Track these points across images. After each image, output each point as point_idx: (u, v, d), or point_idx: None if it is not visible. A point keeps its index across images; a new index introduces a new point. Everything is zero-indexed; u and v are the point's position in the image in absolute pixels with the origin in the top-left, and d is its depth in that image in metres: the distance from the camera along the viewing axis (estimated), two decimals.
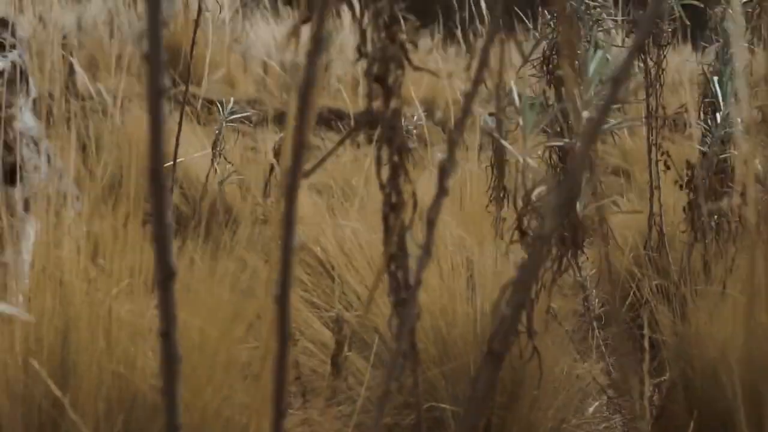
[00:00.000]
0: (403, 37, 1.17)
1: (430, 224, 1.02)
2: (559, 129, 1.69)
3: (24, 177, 3.18)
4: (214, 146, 2.99)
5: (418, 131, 3.34)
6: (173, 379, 0.91)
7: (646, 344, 1.95)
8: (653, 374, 2.32)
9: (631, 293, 2.42)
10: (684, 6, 2.63)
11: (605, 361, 2.35)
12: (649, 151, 2.78)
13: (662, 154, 2.76)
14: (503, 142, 1.57)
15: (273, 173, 3.20)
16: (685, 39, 5.96)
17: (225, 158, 2.98)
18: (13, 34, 3.18)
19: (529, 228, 1.54)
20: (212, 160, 2.97)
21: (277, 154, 3.21)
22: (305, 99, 0.92)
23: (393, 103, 1.18)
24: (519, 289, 1.17)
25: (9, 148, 3.14)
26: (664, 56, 2.68)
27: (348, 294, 1.99)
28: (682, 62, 4.85)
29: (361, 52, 1.21)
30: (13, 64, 3.12)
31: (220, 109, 5.98)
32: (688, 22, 2.70)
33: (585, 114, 1.49)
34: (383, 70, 1.18)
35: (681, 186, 2.45)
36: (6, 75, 3.09)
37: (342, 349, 1.72)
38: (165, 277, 0.89)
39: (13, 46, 3.14)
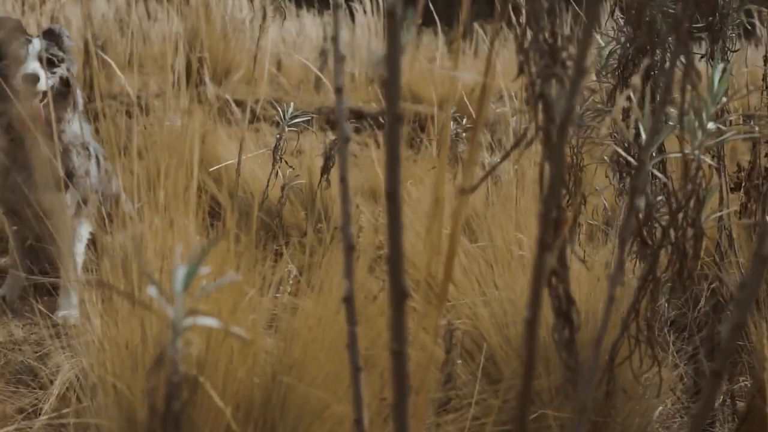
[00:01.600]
0: (565, 54, 1.18)
1: (622, 243, 1.04)
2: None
3: (75, 182, 3.20)
4: (274, 150, 2.99)
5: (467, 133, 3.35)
6: (403, 396, 0.92)
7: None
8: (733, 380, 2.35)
9: (704, 297, 2.43)
10: None
11: (679, 365, 2.37)
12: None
13: None
14: (626, 156, 1.58)
15: (324, 177, 3.20)
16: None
17: (286, 162, 2.98)
18: (61, 47, 3.19)
19: (649, 238, 1.55)
20: (273, 164, 2.97)
21: (328, 158, 3.21)
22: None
23: (557, 120, 1.19)
24: (640, 297, 1.18)
25: (59, 159, 3.16)
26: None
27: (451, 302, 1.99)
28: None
29: (522, 70, 1.22)
30: (61, 78, 3.13)
31: (244, 110, 6.00)
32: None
33: (711, 126, 1.51)
34: (546, 87, 1.19)
35: None
36: (55, 90, 3.11)
37: (452, 359, 1.72)
38: (398, 298, 0.91)
39: (61, 60, 3.15)
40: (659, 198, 1.59)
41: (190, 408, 1.45)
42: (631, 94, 1.73)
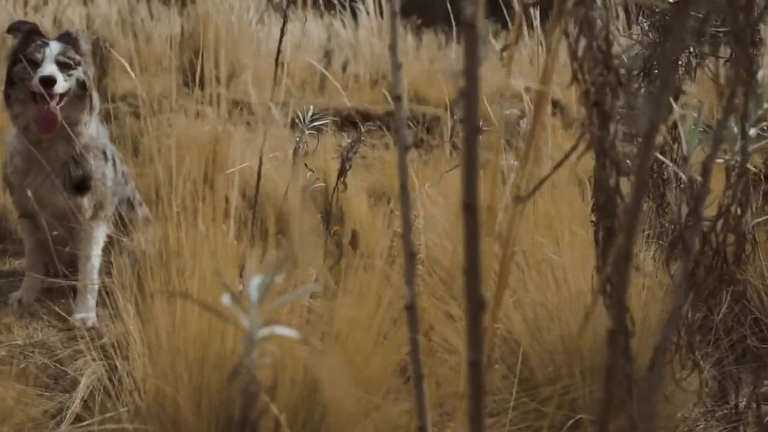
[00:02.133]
0: (617, 62, 1.18)
1: (686, 252, 1.04)
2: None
3: (92, 185, 3.20)
4: (295, 153, 2.99)
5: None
6: (480, 405, 0.92)
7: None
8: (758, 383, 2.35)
9: (725, 301, 2.44)
10: None
11: (702, 370, 2.37)
12: None
13: None
14: (664, 159, 1.59)
15: (341, 179, 3.20)
16: None
17: (306, 165, 2.98)
18: (77, 50, 3.19)
19: (689, 242, 1.56)
20: (293, 166, 2.97)
21: (345, 160, 3.21)
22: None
23: (611, 128, 1.20)
24: (679, 302, 1.18)
25: (76, 162, 3.16)
26: None
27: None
28: None
29: (577, 78, 1.23)
30: (78, 81, 3.13)
31: (251, 111, 5.99)
32: None
33: (752, 132, 1.51)
34: (601, 96, 1.19)
35: None
36: (72, 93, 3.11)
37: (491, 364, 1.73)
38: (475, 308, 0.91)
39: (78, 63, 3.15)
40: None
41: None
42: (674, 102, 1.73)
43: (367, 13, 8.24)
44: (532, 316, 1.96)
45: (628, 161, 1.44)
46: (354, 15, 8.37)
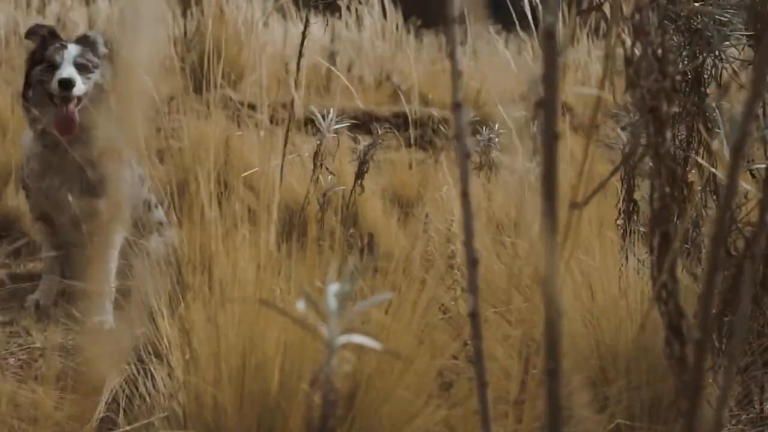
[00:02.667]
0: (672, 69, 1.19)
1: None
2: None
3: (109, 189, 3.20)
4: (315, 156, 2.99)
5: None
6: (557, 415, 0.92)
7: None
8: None
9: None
10: None
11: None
12: None
13: None
14: (703, 162, 1.59)
15: (358, 183, 3.20)
16: None
17: (327, 168, 2.97)
18: (95, 53, 3.18)
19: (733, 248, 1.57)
20: (313, 170, 2.97)
21: (363, 162, 3.21)
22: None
23: (667, 134, 1.20)
24: (745, 309, 1.18)
25: (93, 165, 3.16)
26: None
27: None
28: None
29: (633, 84, 1.23)
30: (96, 84, 3.13)
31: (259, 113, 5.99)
32: None
33: None
34: (656, 102, 1.20)
35: None
36: (90, 95, 3.11)
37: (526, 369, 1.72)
38: (552, 317, 0.91)
39: (96, 66, 3.15)
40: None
41: None
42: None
43: (371, 15, 8.24)
44: (566, 321, 1.95)
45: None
46: (357, 16, 8.38)
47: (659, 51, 1.22)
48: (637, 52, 1.22)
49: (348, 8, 7.84)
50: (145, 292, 3.11)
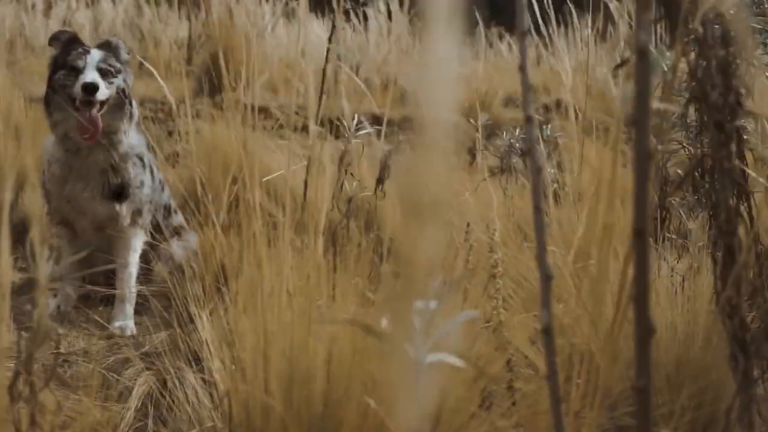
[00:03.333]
0: (737, 82, 1.19)
1: None
2: None
3: (131, 193, 3.20)
4: (340, 162, 2.98)
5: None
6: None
7: None
8: None
9: None
10: None
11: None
12: None
13: None
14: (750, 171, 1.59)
15: (380, 187, 3.19)
16: None
17: (352, 174, 2.97)
18: (118, 58, 3.18)
19: None
20: (338, 175, 2.96)
21: (384, 167, 3.21)
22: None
23: (731, 148, 1.20)
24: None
25: (115, 170, 3.16)
26: None
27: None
28: None
29: (697, 98, 1.23)
30: (118, 89, 3.13)
31: (268, 117, 5.97)
32: None
33: None
34: (722, 117, 1.20)
35: None
36: (112, 100, 3.10)
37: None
38: (645, 335, 0.91)
39: (118, 72, 3.15)
40: None
41: None
42: None
43: (376, 18, 8.23)
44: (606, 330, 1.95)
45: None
46: (365, 18, 8.37)
47: (723, 64, 1.22)
48: (700, 65, 1.22)
49: (355, 12, 7.83)
50: (176, 296, 3.12)
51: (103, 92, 3.06)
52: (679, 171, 2.41)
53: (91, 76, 3.05)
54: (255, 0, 6.28)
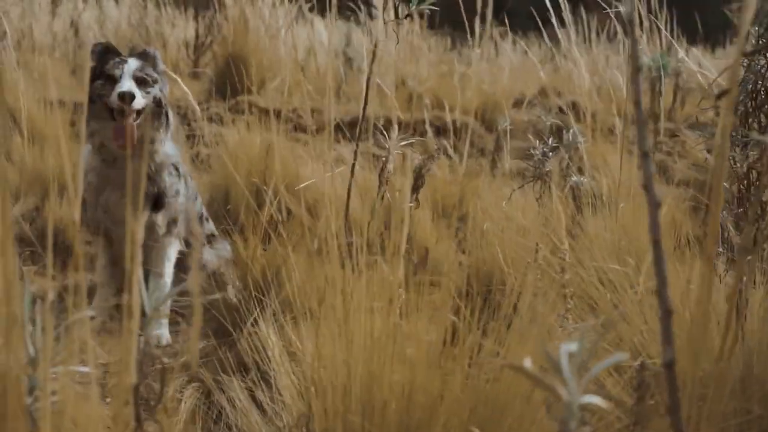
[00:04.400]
0: None
1: None
2: None
3: (167, 203, 3.20)
4: (381, 172, 2.96)
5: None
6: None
7: None
8: None
9: None
10: None
11: None
12: None
13: None
14: None
15: (414, 196, 3.19)
16: None
17: (387, 183, 2.94)
18: (155, 68, 3.18)
19: None
20: (379, 186, 2.95)
21: (419, 176, 3.20)
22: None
23: None
24: None
25: (151, 179, 3.16)
26: None
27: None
28: None
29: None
30: (154, 99, 3.13)
31: (279, 119, 5.93)
32: None
33: None
34: None
35: None
36: (148, 110, 3.10)
37: (644, 399, 1.72)
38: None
39: (155, 81, 3.15)
40: None
41: None
42: None
43: (384, 20, 8.21)
44: (638, 339, 1.96)
45: None
46: (371, 19, 8.35)
47: None
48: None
49: (361, 10, 7.82)
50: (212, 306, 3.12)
51: (140, 101, 3.06)
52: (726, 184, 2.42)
53: (127, 84, 3.05)
54: (269, 2, 6.27)
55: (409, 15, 2.83)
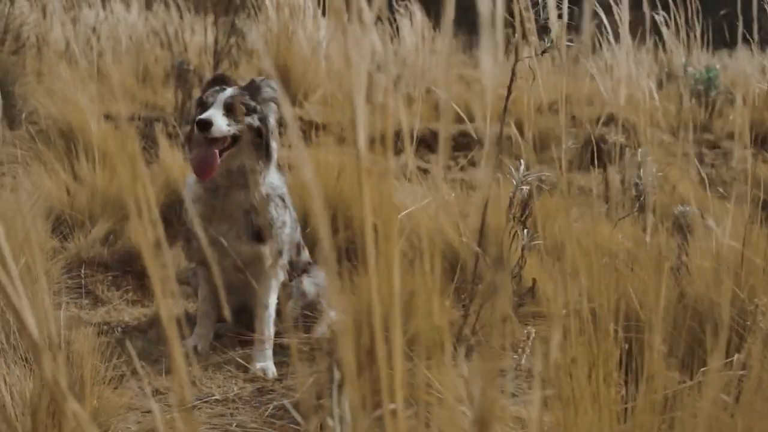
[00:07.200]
0: None
1: None
2: None
3: (273, 234, 3.16)
4: (510, 207, 2.88)
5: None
6: None
7: None
8: None
9: None
10: None
11: None
12: None
13: None
14: None
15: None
16: None
17: (523, 223, 2.85)
18: (256, 97, 3.14)
19: None
20: (512, 227, 2.84)
21: (525, 206, 3.17)
22: None
23: None
24: None
25: (257, 210, 3.11)
26: None
27: None
28: None
29: None
30: (251, 127, 3.07)
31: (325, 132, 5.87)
32: None
33: None
34: None
35: None
36: (245, 138, 3.05)
37: None
38: None
39: (253, 110, 3.10)
40: None
41: None
42: None
43: (412, 24, 8.20)
44: None
45: None
46: (396, 27, 8.33)
47: None
48: None
49: (390, 21, 7.80)
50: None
51: (219, 129, 2.99)
52: None
53: (208, 113, 2.99)
54: (310, 14, 6.20)
55: (545, 51, 2.75)
